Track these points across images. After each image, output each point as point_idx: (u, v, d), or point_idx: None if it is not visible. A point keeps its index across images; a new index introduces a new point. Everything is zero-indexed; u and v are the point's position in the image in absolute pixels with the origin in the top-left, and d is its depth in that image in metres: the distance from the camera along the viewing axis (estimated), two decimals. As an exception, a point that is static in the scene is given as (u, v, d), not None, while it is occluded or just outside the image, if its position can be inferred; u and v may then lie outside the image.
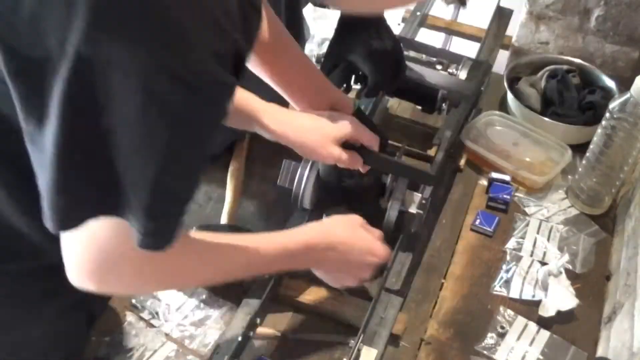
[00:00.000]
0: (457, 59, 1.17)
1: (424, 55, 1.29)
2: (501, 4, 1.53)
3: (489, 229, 1.10)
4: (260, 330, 0.93)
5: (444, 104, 1.15)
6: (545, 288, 1.00)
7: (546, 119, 1.25)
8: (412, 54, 1.28)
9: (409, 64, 1.14)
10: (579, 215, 1.15)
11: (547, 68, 1.34)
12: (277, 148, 1.23)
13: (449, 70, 1.16)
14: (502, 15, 1.49)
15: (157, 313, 0.96)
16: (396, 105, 1.32)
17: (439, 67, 1.16)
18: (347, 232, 0.88)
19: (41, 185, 0.56)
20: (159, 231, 0.60)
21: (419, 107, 1.20)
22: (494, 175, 1.17)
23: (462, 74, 1.14)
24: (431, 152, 1.16)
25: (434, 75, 1.13)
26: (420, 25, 1.50)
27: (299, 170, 0.98)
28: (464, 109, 1.11)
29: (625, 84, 1.09)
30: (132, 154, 0.54)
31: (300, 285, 0.99)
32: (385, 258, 0.91)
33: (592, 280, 1.05)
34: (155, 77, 0.51)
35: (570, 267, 1.06)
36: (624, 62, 1.37)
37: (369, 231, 0.91)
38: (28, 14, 0.50)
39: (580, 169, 1.15)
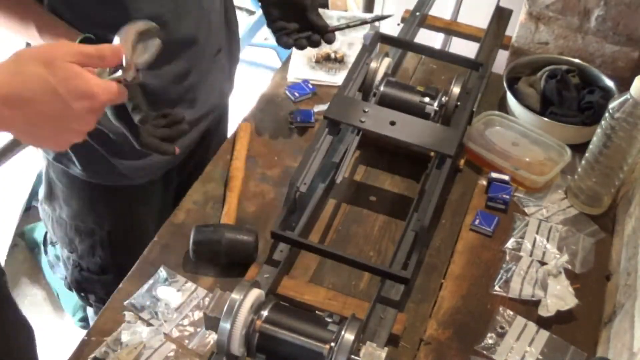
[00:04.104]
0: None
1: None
2: (501, 4, 1.53)
3: (488, 229, 1.10)
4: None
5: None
6: (544, 288, 1.00)
7: (545, 119, 1.25)
8: (391, 90, 1.15)
9: (393, 113, 1.07)
10: (578, 215, 1.15)
11: (547, 68, 1.34)
12: (277, 149, 1.24)
13: (439, 96, 1.12)
14: (501, 15, 1.49)
15: (156, 313, 0.96)
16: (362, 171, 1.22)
17: (426, 99, 1.12)
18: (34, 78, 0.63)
19: None
20: None
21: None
22: (494, 175, 1.17)
23: (456, 89, 1.12)
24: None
25: (419, 129, 1.05)
26: (419, 25, 1.50)
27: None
28: (445, 170, 1.04)
29: (624, 84, 1.09)
30: None
31: (300, 285, 1.00)
32: (109, 95, 0.69)
33: (592, 280, 1.05)
34: None
35: (569, 267, 1.06)
36: (623, 63, 1.37)
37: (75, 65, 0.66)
38: None
39: (579, 169, 1.15)
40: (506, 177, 1.17)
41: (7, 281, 1.19)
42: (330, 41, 1.13)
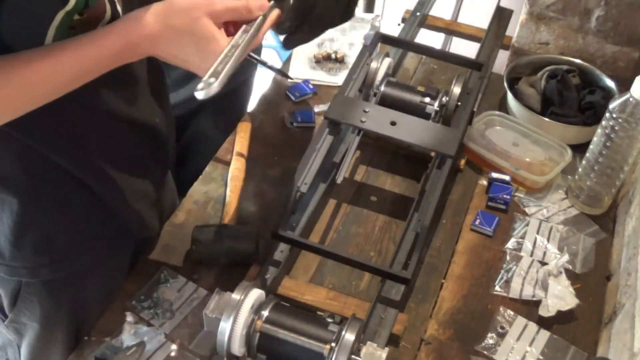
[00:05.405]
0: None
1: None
2: (501, 4, 1.53)
3: (488, 229, 1.10)
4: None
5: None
6: (545, 288, 1.00)
7: (546, 119, 1.25)
8: (392, 90, 1.14)
9: (393, 113, 1.06)
10: (578, 215, 1.15)
11: (547, 68, 1.34)
12: (277, 149, 1.24)
13: (440, 96, 1.11)
14: (502, 15, 1.49)
15: (157, 313, 0.96)
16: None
17: (427, 99, 1.12)
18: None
19: None
20: None
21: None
22: (494, 175, 1.17)
23: (457, 89, 1.12)
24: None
25: (419, 129, 1.05)
26: (420, 25, 1.50)
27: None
28: (445, 170, 1.04)
29: (625, 85, 1.09)
30: None
31: (300, 285, 1.00)
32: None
33: (592, 281, 1.05)
34: None
35: (570, 267, 1.06)
36: (624, 63, 1.37)
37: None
38: None
39: (580, 169, 1.15)
40: (507, 177, 1.17)
41: None
42: None
